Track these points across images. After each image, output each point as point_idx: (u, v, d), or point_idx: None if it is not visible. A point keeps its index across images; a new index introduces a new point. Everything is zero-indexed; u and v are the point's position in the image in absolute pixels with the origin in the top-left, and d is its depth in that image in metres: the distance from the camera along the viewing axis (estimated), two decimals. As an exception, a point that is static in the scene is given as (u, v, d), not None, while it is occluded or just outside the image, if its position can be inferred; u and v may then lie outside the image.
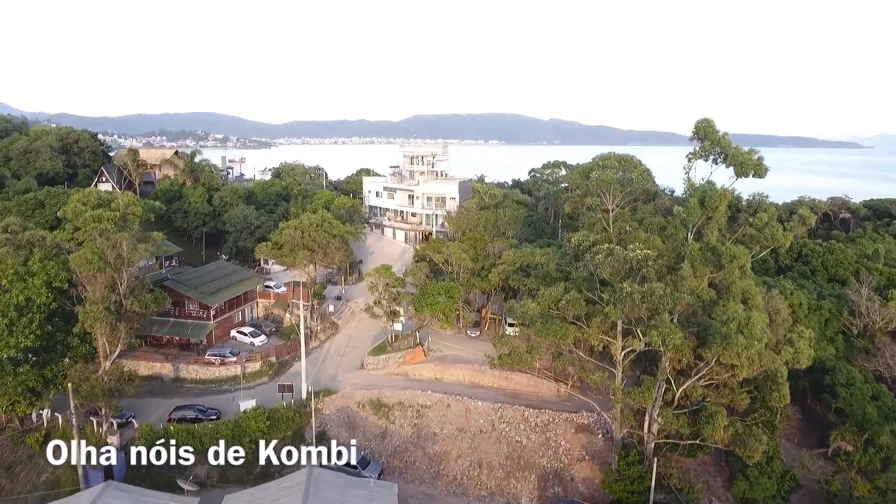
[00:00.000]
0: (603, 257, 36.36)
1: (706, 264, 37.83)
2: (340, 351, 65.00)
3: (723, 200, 36.97)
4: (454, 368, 57.98)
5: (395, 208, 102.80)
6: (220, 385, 58.77)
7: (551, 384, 54.91)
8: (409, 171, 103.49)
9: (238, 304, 69.90)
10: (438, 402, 53.51)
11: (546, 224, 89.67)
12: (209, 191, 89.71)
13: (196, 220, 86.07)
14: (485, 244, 64.48)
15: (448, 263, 64.22)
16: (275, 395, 54.06)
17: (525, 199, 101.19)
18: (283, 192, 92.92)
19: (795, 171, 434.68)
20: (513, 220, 70.50)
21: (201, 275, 68.99)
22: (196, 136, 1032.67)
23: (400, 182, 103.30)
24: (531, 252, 56.43)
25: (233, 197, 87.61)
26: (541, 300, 40.17)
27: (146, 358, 60.96)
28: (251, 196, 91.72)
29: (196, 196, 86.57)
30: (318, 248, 65.47)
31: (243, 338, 66.33)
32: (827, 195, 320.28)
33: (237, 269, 74.49)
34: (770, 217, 40.08)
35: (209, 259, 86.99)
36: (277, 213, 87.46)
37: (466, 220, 70.01)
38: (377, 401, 54.05)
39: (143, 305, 48.57)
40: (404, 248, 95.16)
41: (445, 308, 57.81)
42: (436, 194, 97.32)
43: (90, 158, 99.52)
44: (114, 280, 47.45)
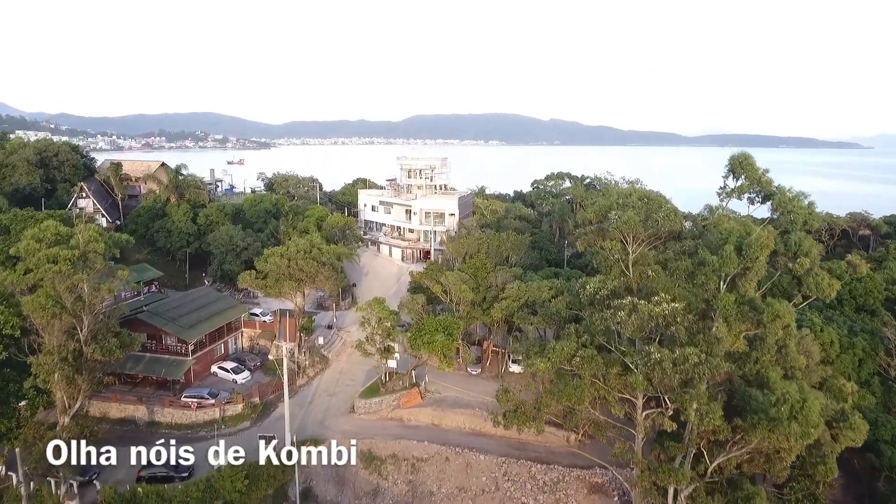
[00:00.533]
0: (626, 315, 31.34)
1: (742, 320, 32.81)
2: (330, 389, 59.93)
3: (764, 250, 31.92)
4: (453, 414, 52.97)
5: (391, 223, 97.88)
6: (197, 431, 53.69)
7: (560, 432, 49.92)
8: (407, 184, 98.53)
9: (220, 335, 64.84)
10: (436, 455, 48.52)
11: (551, 243, 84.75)
12: (194, 208, 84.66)
13: (179, 240, 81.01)
14: (486, 272, 59.43)
15: (447, 293, 59.24)
16: (257, 442, 49.12)
17: (528, 213, 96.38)
18: (272, 208, 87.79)
19: (797, 174, 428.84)
20: (516, 244, 65.45)
21: (180, 304, 63.93)
22: (195, 136, 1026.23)
23: (397, 196, 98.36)
24: (537, 287, 51.48)
25: (219, 215, 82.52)
26: (552, 356, 35.15)
27: (118, 399, 55.95)
28: (239, 213, 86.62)
29: (180, 214, 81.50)
30: (307, 278, 60.39)
31: (225, 374, 61.29)
32: (829, 198, 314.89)
33: (220, 297, 69.40)
34: (813, 262, 35.03)
35: (193, 282, 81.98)
36: (267, 231, 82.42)
37: (466, 244, 64.90)
38: (368, 452, 49.07)
39: (107, 352, 43.47)
40: (401, 268, 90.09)
41: (444, 347, 52.74)
42: (434, 210, 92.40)
43: (70, 172, 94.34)
44: (73, 325, 42.38)
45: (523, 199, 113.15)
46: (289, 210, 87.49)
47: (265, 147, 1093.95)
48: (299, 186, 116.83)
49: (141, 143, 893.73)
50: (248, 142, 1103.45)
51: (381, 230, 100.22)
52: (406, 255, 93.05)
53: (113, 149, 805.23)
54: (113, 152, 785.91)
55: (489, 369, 60.68)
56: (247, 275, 60.85)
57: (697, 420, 28.88)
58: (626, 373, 34.88)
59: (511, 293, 52.89)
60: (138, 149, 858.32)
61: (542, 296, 50.80)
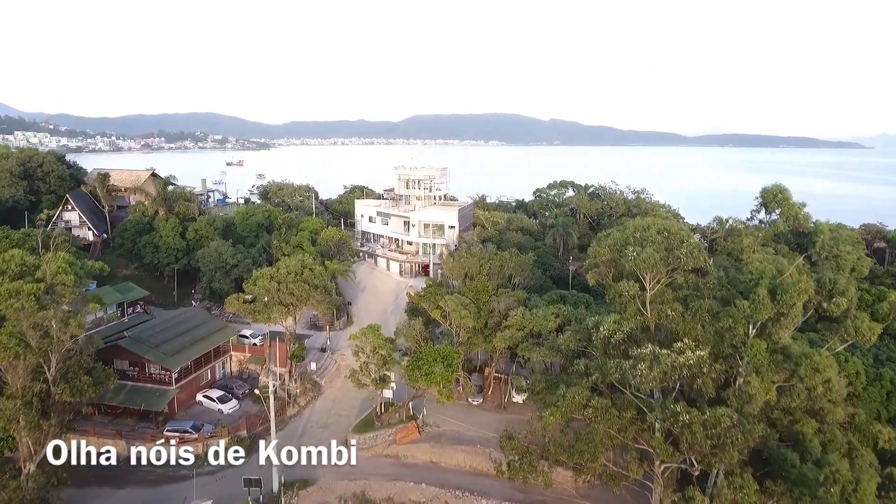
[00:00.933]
0: (647, 368, 27.89)
1: (775, 370, 29.36)
2: (322, 421, 56.48)
3: (802, 296, 28.49)
4: (453, 451, 49.53)
5: (389, 235, 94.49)
6: (178, 469, 50.10)
7: (568, 473, 46.44)
8: (405, 195, 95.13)
9: (207, 360, 61.39)
10: (435, 499, 45.04)
11: (555, 258, 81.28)
12: (183, 222, 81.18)
13: (167, 256, 77.56)
14: (488, 296, 55.98)
15: (446, 317, 55.82)
16: (241, 485, 45.70)
17: (530, 224, 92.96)
18: (265, 221, 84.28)
19: (798, 175, 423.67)
20: (520, 265, 61.99)
21: (165, 329, 60.45)
22: (195, 137, 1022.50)
23: (395, 207, 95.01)
24: (543, 316, 48.05)
25: (209, 229, 79.02)
26: (562, 405, 31.72)
27: (96, 433, 52.38)
28: (230, 227, 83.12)
29: (168, 229, 78.03)
30: (298, 303, 56.99)
31: (210, 403, 57.87)
32: (833, 201, 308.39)
33: (208, 319, 65.93)
34: (851, 301, 31.56)
35: (182, 299, 78.54)
36: (258, 246, 78.93)
37: (467, 264, 61.45)
38: (362, 495, 45.62)
39: (78, 392, 40.10)
40: (399, 283, 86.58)
41: (443, 378, 49.32)
42: (434, 222, 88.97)
43: (56, 184, 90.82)
44: (40, 364, 38.98)
45: (525, 209, 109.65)
46: (282, 223, 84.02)
47: (265, 147, 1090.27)
48: (294, 195, 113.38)
49: (140, 144, 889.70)
50: (247, 142, 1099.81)
51: (378, 241, 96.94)
52: (404, 269, 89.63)
53: (112, 150, 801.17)
54: (112, 153, 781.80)
55: (491, 398, 57.23)
56: (234, 299, 57.44)
57: (730, 492, 25.51)
58: (643, 423, 31.48)
59: (515, 321, 49.47)
60: (137, 149, 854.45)
61: (549, 325, 47.41)
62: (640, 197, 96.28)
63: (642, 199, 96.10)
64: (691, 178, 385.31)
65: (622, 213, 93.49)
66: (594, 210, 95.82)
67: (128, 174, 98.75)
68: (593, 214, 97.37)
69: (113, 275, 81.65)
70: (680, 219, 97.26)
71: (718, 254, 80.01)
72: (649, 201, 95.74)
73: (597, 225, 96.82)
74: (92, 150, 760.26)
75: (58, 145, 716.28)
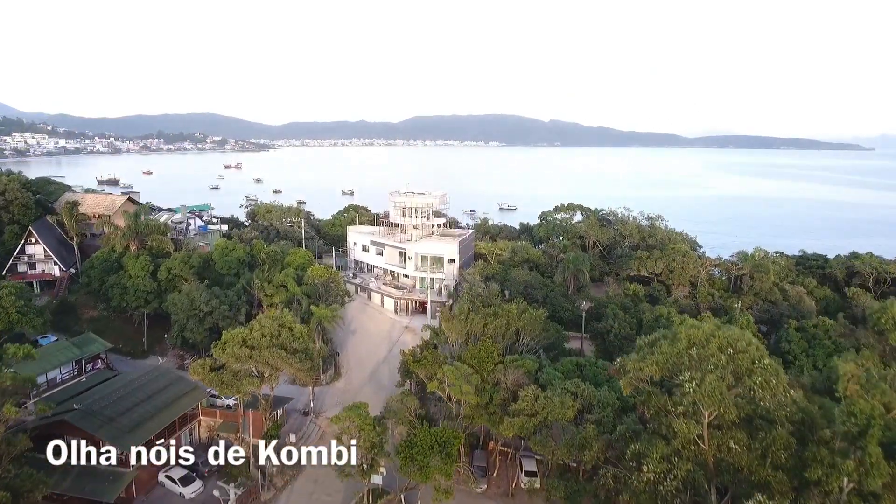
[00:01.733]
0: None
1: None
2: (302, 509, 48.95)
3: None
4: (453, 557, 42.04)
5: (384, 266, 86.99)
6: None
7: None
8: (401, 223, 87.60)
9: (172, 431, 53.77)
10: None
11: (565, 298, 73.72)
12: (156, 259, 73.53)
13: (136, 299, 69.93)
14: (493, 364, 48.46)
15: (444, 390, 48.27)
16: None
17: (537, 255, 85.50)
18: (246, 257, 76.64)
19: (803, 179, 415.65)
20: (530, 322, 54.43)
21: (123, 396, 52.74)
22: (194, 138, 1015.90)
23: (391, 235, 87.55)
24: (560, 403, 40.48)
25: (183, 268, 71.38)
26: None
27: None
28: (207, 264, 75.47)
29: (137, 268, 70.36)
30: (274, 371, 49.45)
31: (172, 486, 50.23)
32: (839, 208, 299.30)
33: (175, 380, 58.16)
34: None
35: (152, 346, 70.91)
36: (238, 286, 71.29)
37: (469, 323, 53.85)
38: None
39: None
40: (394, 323, 79.05)
41: (441, 471, 41.77)
42: (432, 254, 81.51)
43: (20, 213, 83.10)
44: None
45: (530, 234, 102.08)
46: (265, 258, 76.38)
47: (264, 149, 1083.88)
48: (283, 218, 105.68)
49: (139, 146, 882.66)
50: (246, 143, 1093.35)
51: (372, 271, 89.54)
52: (400, 306, 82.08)
53: (110, 151, 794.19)
54: (110, 155, 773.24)
55: (496, 483, 49.67)
56: (198, 366, 49.73)
57: None
58: None
59: (525, 405, 41.94)
60: (136, 151, 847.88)
61: (567, 415, 39.87)
62: (655, 224, 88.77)
63: (657, 226, 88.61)
64: (696, 184, 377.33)
65: (636, 242, 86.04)
66: (605, 238, 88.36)
67: (101, 199, 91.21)
68: (605, 243, 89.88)
69: (77, 318, 74.13)
70: (697, 248, 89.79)
71: (746, 294, 72.74)
72: (665, 229, 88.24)
73: (608, 254, 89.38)
74: (90, 151, 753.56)
75: (56, 147, 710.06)
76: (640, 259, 75.97)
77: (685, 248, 77.25)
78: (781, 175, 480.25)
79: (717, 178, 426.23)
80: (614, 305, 65.19)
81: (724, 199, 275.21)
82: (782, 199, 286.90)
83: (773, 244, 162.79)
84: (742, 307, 64.77)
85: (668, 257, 73.40)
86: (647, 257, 75.28)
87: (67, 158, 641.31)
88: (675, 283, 71.96)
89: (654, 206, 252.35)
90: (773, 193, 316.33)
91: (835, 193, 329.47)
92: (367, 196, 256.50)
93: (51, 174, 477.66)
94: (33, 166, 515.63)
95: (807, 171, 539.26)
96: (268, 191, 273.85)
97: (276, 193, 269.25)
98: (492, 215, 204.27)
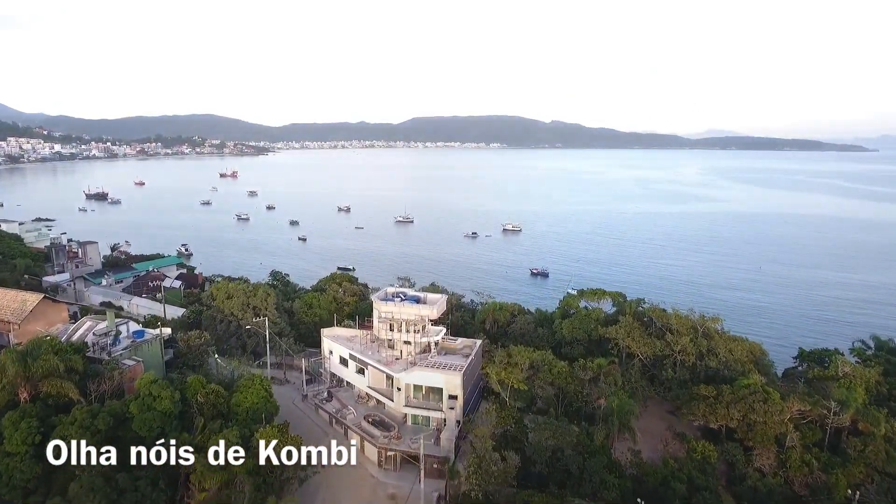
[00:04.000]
0: None
1: None
2: None
3: None
4: None
5: (366, 389, 64.20)
6: None
7: None
8: (388, 339, 66.09)
9: None
10: None
11: (608, 469, 54.54)
12: (44, 421, 45.87)
13: (11, 491, 44.03)
14: None
15: None
16: None
17: (563, 368, 65.73)
18: (175, 408, 49.30)
19: (818, 190, 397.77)
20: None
21: None
22: (192, 141, 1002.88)
23: (376, 348, 64.59)
24: None
25: (83, 433, 41.89)
26: None
27: None
28: (122, 419, 47.54)
29: (15, 441, 43.37)
30: None
31: None
32: (870, 228, 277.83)
33: None
34: None
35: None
36: (163, 461, 42.30)
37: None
38: None
39: None
40: (376, 488, 52.62)
41: None
42: (427, 385, 61.20)
43: None
44: None
45: (550, 324, 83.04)
46: (203, 404, 50.16)
47: (263, 152, 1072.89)
48: (248, 303, 79.79)
49: (136, 150, 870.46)
50: (245, 147, 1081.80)
51: (352, 389, 67.32)
52: (385, 458, 58.56)
53: (107, 156, 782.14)
54: (106, 160, 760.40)
55: None
56: None
57: None
58: None
59: None
60: (133, 156, 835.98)
61: None
62: (710, 327, 74.04)
63: (713, 329, 73.67)
64: (706, 196, 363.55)
65: (692, 359, 70.46)
66: (651, 353, 71.98)
67: (11, 297, 72.03)
68: (650, 357, 73.08)
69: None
70: (772, 367, 74.29)
71: (854, 462, 54.22)
72: (721, 332, 74.25)
73: (653, 369, 73.18)
74: (86, 156, 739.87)
75: (51, 152, 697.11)
76: (706, 402, 60.11)
77: (760, 380, 62.81)
78: (795, 184, 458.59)
79: (727, 189, 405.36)
80: (678, 482, 50.03)
81: (739, 217, 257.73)
82: (803, 216, 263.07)
83: (811, 280, 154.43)
84: (851, 488, 50.24)
85: (743, 403, 57.74)
86: (716, 399, 59.81)
87: (63, 164, 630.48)
88: (756, 443, 56.95)
89: (667, 224, 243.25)
90: (790, 208, 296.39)
91: (859, 207, 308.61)
92: (363, 213, 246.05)
93: (44, 181, 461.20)
94: (28, 174, 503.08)
95: (820, 179, 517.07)
96: (261, 206, 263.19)
97: (270, 210, 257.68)
98: (495, 238, 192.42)
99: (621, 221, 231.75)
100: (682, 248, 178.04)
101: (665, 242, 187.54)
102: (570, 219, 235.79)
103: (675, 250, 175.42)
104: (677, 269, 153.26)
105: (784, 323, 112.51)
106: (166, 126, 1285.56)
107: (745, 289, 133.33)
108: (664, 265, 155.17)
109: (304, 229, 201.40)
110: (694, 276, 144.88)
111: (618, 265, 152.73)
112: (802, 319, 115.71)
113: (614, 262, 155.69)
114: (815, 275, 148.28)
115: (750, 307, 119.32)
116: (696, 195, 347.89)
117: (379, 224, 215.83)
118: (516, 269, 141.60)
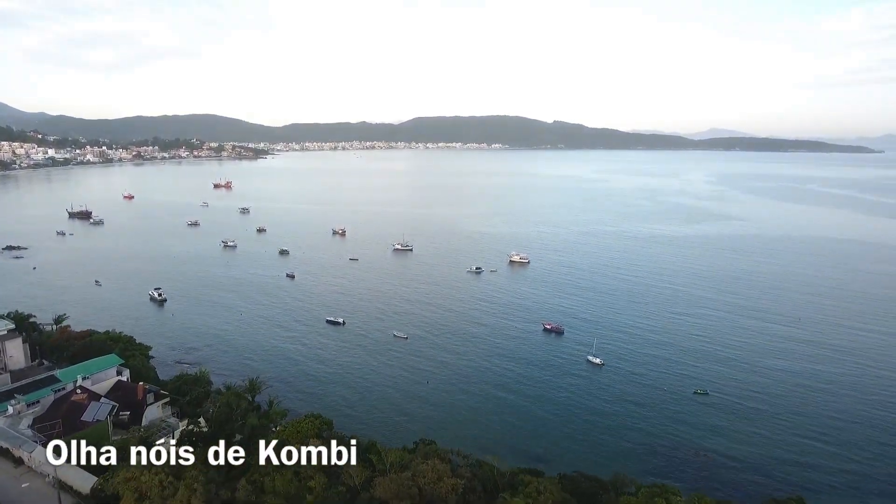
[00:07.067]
0: None
1: None
2: None
3: None
4: None
5: None
6: None
7: None
8: None
9: None
10: None
11: None
12: None
13: None
14: None
15: None
16: None
17: None
18: None
19: (847, 206, 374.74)
20: None
21: None
22: (190, 144, 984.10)
23: None
24: None
25: None
26: None
27: None
28: None
29: None
30: None
31: None
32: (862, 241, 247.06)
33: None
34: None
35: None
36: None
37: None
38: None
39: None
40: None
41: None
42: None
43: None
44: None
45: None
46: None
47: (261, 155, 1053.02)
48: (237, 407, 63.60)
49: (132, 154, 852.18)
50: (244, 149, 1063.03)
51: None
52: None
53: (102, 161, 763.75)
54: (102, 166, 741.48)
55: None
56: None
57: None
58: None
59: None
60: (129, 160, 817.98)
61: None
62: None
63: None
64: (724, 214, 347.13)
65: None
66: None
67: None
68: None
69: None
70: None
71: None
72: None
73: None
74: (80, 161, 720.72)
75: (44, 158, 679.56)
76: None
77: None
78: (819, 198, 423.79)
79: (743, 203, 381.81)
80: None
81: (768, 243, 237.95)
82: (842, 249, 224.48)
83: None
84: None
85: None
86: None
87: (56, 171, 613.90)
88: None
89: (689, 254, 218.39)
90: (818, 230, 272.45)
91: (890, 226, 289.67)
92: (360, 237, 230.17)
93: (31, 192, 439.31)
94: (19, 182, 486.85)
95: (846, 191, 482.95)
96: (251, 229, 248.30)
97: (260, 233, 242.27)
98: (501, 272, 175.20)
99: (637, 249, 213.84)
100: (722, 300, 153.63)
101: (697, 287, 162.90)
102: (580, 246, 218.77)
103: (715, 303, 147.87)
104: (726, 336, 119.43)
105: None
106: (167, 126, 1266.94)
107: (806, 369, 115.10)
108: (706, 328, 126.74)
109: (294, 260, 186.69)
110: (760, 355, 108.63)
111: (644, 321, 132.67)
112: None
113: (639, 315, 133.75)
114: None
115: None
116: (712, 212, 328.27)
117: (375, 254, 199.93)
118: (528, 322, 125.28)
